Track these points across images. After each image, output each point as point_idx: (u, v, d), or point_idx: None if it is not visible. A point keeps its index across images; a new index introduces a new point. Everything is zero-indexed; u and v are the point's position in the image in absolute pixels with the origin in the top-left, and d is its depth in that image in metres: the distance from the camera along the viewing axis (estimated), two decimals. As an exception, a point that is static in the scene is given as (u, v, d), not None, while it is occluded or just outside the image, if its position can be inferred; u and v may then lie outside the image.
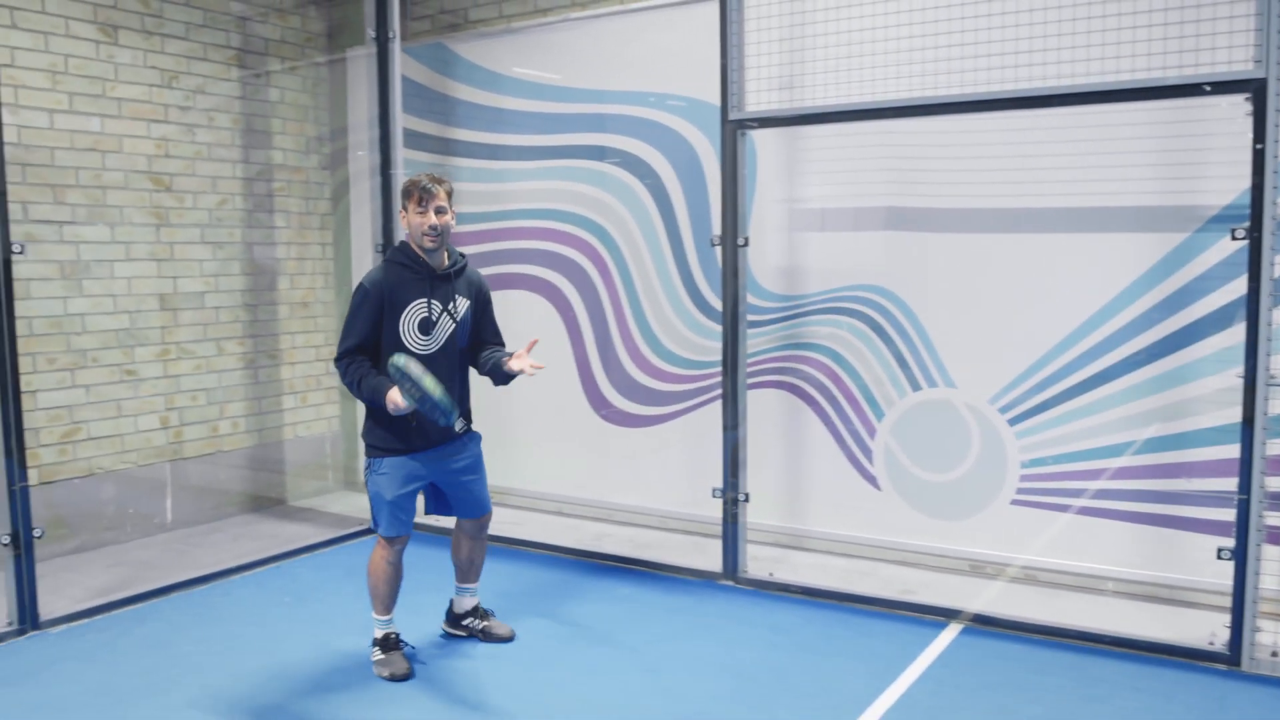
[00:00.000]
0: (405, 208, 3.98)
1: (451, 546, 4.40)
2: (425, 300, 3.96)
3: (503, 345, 4.25)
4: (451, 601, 4.50)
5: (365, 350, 3.93)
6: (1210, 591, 4.48)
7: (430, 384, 3.66)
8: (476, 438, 4.24)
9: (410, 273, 3.96)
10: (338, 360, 3.95)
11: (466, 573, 4.41)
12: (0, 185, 4.34)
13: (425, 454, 4.03)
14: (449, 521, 4.42)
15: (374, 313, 3.90)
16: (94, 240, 5.73)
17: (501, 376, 4.08)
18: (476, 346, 4.19)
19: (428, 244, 3.95)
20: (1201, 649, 4.09)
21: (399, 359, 3.70)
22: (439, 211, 3.93)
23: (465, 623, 4.45)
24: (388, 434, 3.98)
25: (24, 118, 5.40)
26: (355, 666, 4.17)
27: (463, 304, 4.07)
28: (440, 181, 3.97)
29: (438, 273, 4.00)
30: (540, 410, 6.35)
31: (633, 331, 6.02)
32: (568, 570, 5.39)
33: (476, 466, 4.24)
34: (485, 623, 4.44)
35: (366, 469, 4.06)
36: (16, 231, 4.92)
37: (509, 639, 4.41)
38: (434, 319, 3.97)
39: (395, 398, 3.76)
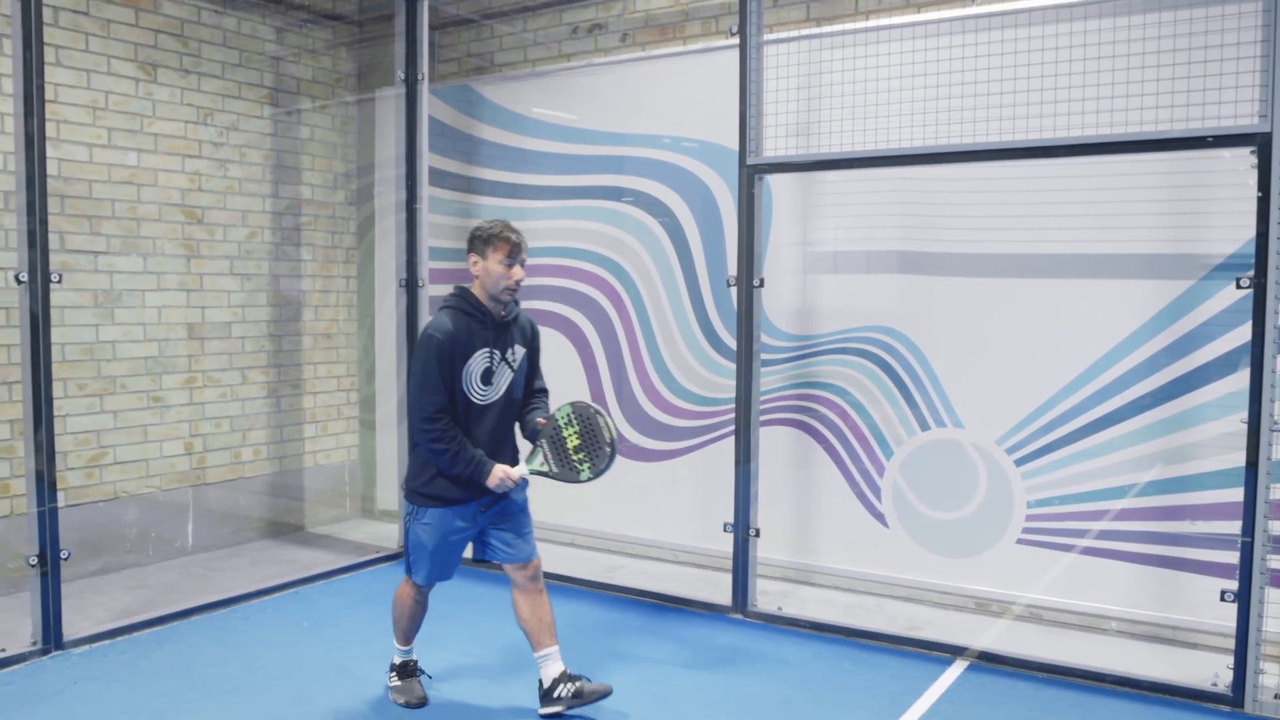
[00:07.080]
0: (484, 255, 3.81)
1: (515, 613, 4.05)
2: (488, 350, 3.84)
3: (546, 393, 4.16)
4: (540, 680, 4.03)
5: (451, 405, 3.79)
6: (1213, 633, 4.53)
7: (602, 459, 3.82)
8: (524, 484, 3.99)
9: (476, 321, 3.83)
10: (429, 420, 3.73)
11: (539, 634, 4.00)
12: (41, 216, 4.48)
13: (472, 505, 3.89)
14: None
15: (449, 363, 3.75)
16: (127, 270, 5.90)
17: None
18: (526, 395, 4.09)
19: (505, 297, 3.84)
20: (1205, 690, 4.13)
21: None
22: (521, 264, 3.83)
23: (556, 694, 3.96)
24: (445, 484, 3.83)
25: (65, 151, 5.58)
26: (372, 692, 4.25)
27: (519, 352, 3.96)
28: (519, 233, 3.85)
29: (497, 320, 3.89)
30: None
31: (648, 367, 6.13)
32: (580, 601, 5.46)
33: (524, 511, 4.06)
34: (576, 684, 3.98)
35: (409, 515, 3.94)
36: (53, 261, 5.06)
37: (607, 694, 4.02)
38: (494, 369, 3.87)
39: (507, 473, 3.79)
